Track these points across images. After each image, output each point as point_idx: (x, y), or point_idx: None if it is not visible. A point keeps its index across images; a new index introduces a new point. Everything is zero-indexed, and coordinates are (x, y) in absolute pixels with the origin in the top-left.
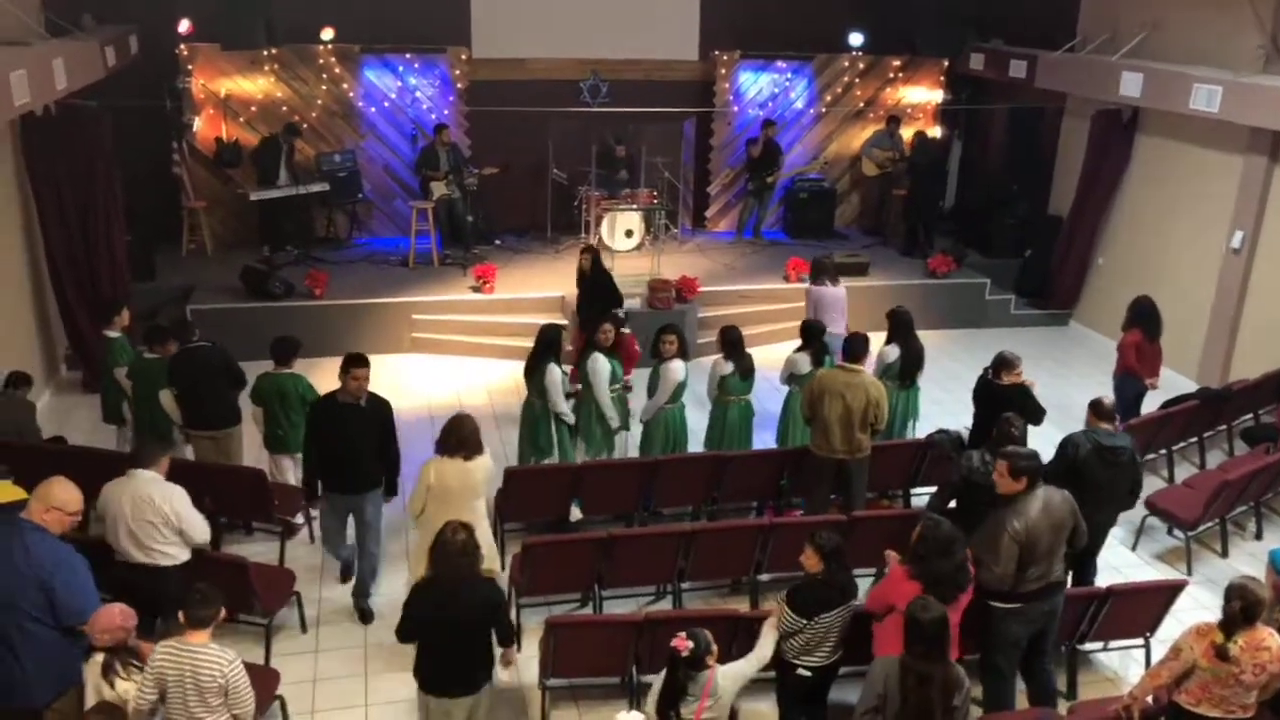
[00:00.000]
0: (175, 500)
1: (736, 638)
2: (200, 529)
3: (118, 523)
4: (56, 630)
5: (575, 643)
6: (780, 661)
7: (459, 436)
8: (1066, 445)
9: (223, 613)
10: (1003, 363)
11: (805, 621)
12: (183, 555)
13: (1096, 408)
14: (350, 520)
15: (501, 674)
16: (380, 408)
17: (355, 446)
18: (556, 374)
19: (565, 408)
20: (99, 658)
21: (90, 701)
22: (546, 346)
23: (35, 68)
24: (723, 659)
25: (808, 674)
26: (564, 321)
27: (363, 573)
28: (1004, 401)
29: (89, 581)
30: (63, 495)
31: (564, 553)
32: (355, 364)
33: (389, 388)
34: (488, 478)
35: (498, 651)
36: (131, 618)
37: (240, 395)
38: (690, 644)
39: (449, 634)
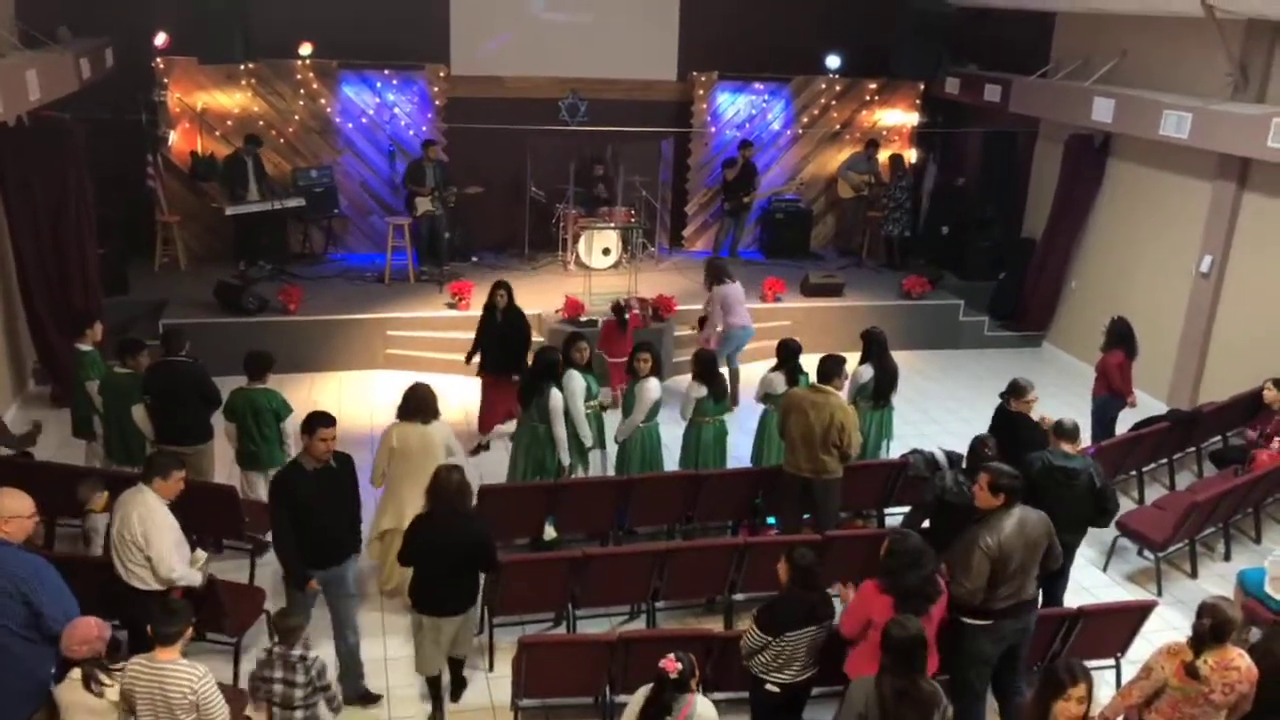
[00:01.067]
0: (152, 528)
1: (710, 658)
2: (169, 567)
3: (111, 532)
4: (37, 643)
5: (549, 662)
6: (750, 677)
7: (416, 403)
8: (1026, 464)
9: (190, 630)
10: (1014, 389)
11: (770, 639)
12: (155, 584)
13: (1058, 428)
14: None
15: None
16: (347, 464)
17: (334, 513)
18: (559, 398)
19: (564, 433)
20: (76, 673)
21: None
22: (546, 370)
23: (7, 78)
24: (699, 681)
25: (775, 690)
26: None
27: (350, 651)
28: (1017, 427)
29: (64, 585)
30: (17, 504)
31: (538, 572)
32: (323, 424)
33: (363, 404)
34: (444, 440)
35: None
36: (107, 628)
37: (213, 414)
38: (679, 665)
39: (443, 562)
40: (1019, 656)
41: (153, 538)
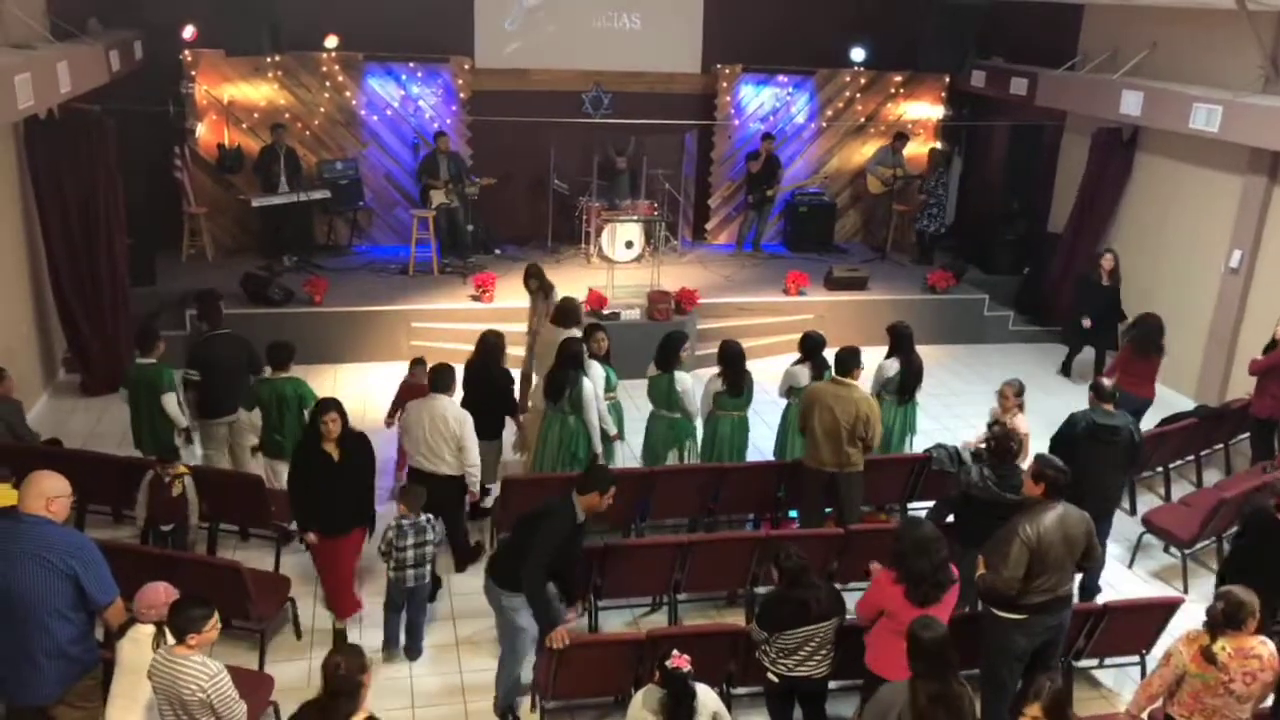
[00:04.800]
0: (465, 426)
1: (737, 655)
2: (473, 456)
3: (418, 434)
4: (80, 621)
5: (577, 664)
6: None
7: (562, 313)
8: (1066, 424)
9: (207, 629)
10: None
11: (766, 634)
12: (457, 471)
13: (1097, 389)
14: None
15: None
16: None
17: None
18: (590, 387)
19: (596, 422)
20: (148, 629)
21: (131, 676)
22: (573, 362)
23: (39, 71)
24: (721, 676)
25: (774, 679)
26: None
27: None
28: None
29: (104, 561)
30: (56, 484)
31: None
32: None
33: (387, 396)
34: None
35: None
36: (175, 594)
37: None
38: (688, 661)
39: (481, 396)
40: (1052, 654)
41: (465, 432)
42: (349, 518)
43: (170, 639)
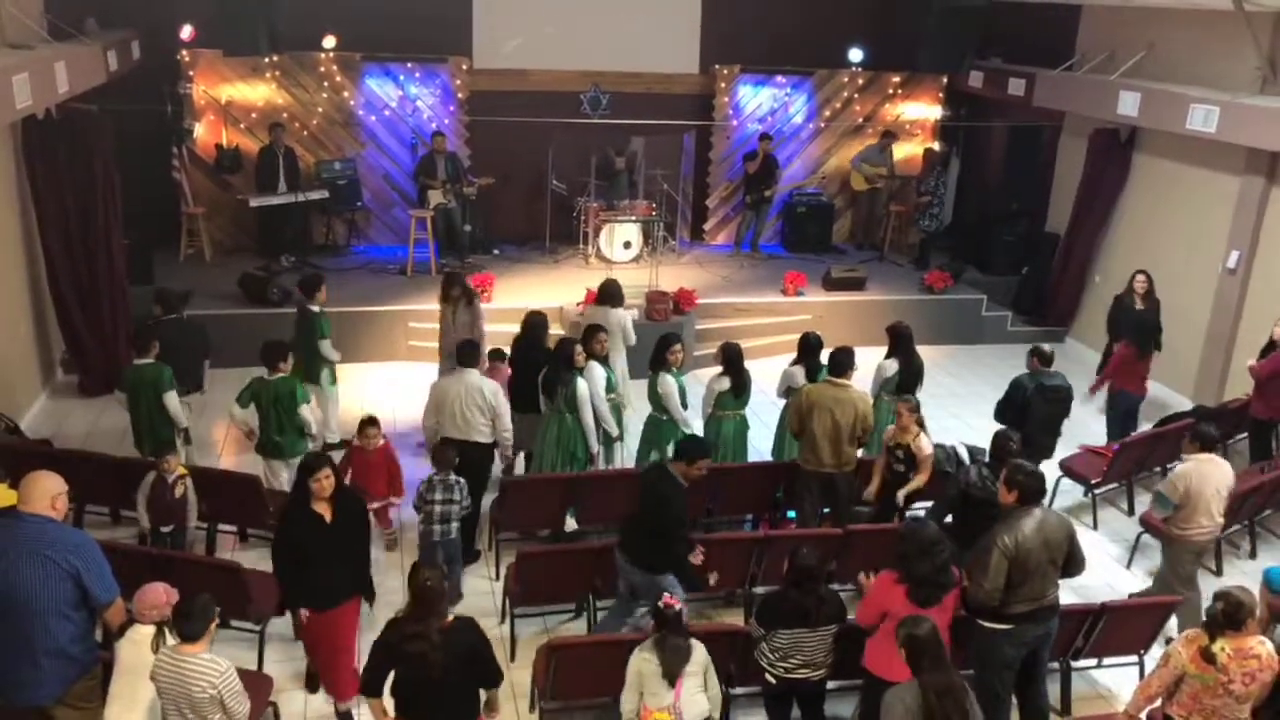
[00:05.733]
0: (500, 398)
1: (735, 654)
2: (506, 425)
3: (453, 407)
4: (80, 620)
5: (577, 664)
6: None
7: (605, 293)
8: (1015, 388)
9: (213, 626)
10: None
11: (764, 631)
12: (489, 438)
13: (1039, 354)
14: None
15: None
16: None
17: None
18: (585, 387)
19: (592, 421)
20: (147, 630)
21: (130, 676)
22: (566, 360)
23: (37, 71)
24: (720, 676)
25: (771, 680)
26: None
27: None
28: None
29: (105, 561)
30: (56, 484)
31: (559, 563)
32: None
33: (384, 396)
34: (620, 322)
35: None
36: (174, 594)
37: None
38: (680, 602)
39: (527, 368)
40: (1041, 661)
41: (499, 402)
42: (346, 586)
43: (171, 639)
